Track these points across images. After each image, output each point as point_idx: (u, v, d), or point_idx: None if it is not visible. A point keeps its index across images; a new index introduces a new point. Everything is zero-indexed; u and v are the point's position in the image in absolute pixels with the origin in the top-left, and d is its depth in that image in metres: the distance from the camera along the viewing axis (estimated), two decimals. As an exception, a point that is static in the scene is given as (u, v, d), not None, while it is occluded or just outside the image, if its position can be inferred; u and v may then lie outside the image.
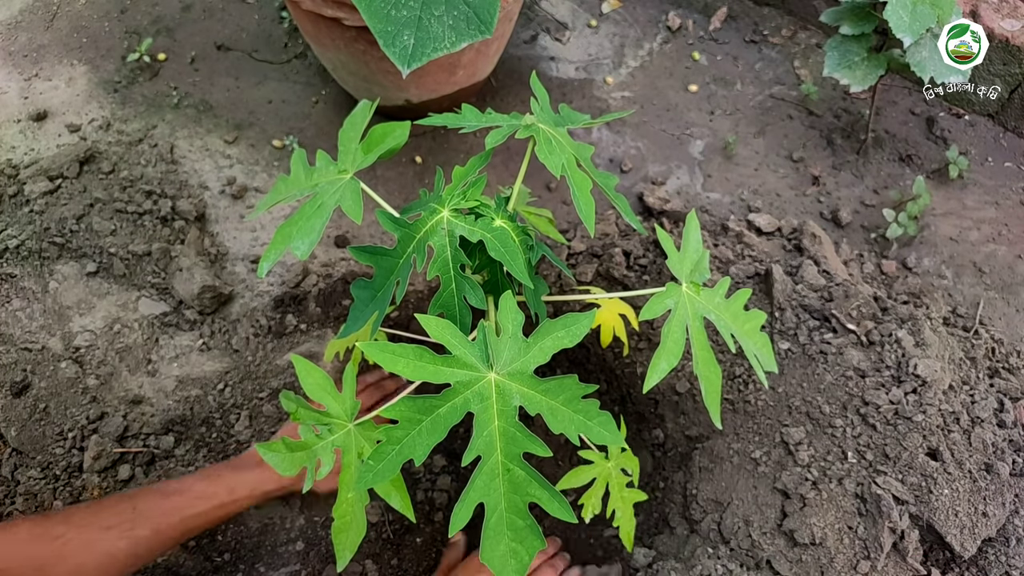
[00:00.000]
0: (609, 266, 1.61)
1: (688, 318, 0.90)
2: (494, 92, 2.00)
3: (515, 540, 0.74)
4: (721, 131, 1.94)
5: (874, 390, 1.32)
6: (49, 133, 1.79)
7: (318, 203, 0.91)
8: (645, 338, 1.56)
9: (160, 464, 1.43)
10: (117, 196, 1.66)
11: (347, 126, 0.98)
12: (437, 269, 0.83)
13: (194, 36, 2.04)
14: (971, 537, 1.22)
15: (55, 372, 1.47)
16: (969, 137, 1.89)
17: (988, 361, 1.49)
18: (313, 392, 0.92)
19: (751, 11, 2.15)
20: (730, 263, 1.59)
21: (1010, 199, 1.79)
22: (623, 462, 1.11)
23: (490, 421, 0.75)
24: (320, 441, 0.91)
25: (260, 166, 1.82)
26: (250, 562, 1.36)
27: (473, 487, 0.74)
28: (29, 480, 1.36)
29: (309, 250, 0.88)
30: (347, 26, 1.51)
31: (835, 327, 1.43)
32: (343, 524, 0.91)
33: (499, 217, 0.85)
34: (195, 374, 1.53)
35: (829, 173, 1.85)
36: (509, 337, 0.76)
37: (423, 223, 0.85)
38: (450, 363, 0.75)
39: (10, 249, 1.56)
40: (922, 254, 1.71)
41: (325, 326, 1.61)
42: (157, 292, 1.60)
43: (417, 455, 0.73)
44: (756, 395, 1.41)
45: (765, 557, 1.24)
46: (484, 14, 0.87)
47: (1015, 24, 1.73)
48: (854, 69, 1.64)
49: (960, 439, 1.29)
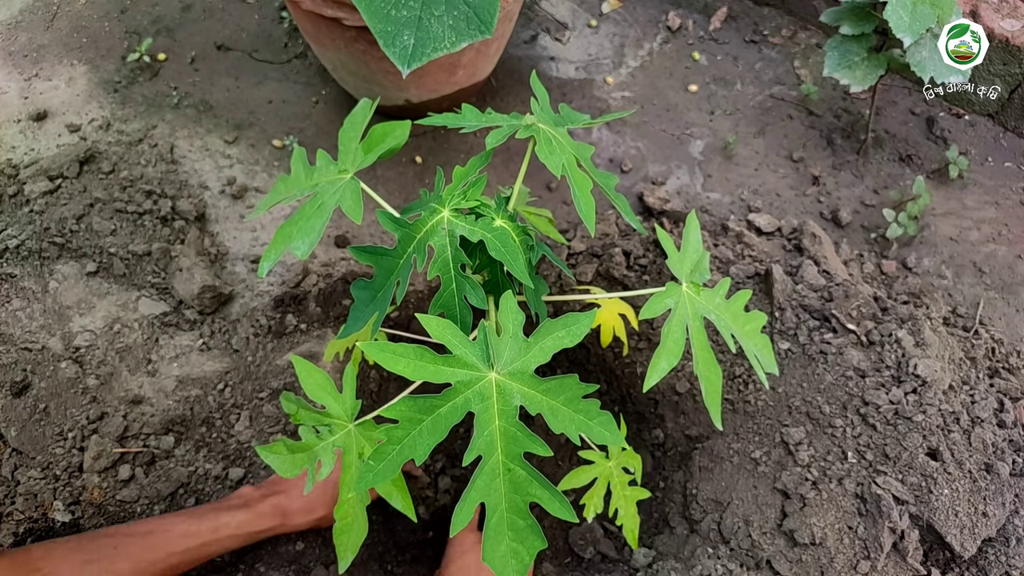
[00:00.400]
0: (609, 266, 1.61)
1: (688, 318, 0.90)
2: (494, 92, 2.00)
3: (516, 540, 0.74)
4: (721, 131, 1.94)
5: (874, 390, 1.32)
6: (49, 133, 1.79)
7: (318, 203, 0.91)
8: (645, 338, 1.56)
9: (160, 464, 1.42)
10: (117, 196, 1.66)
11: (347, 125, 0.98)
12: (438, 269, 0.83)
13: (194, 36, 2.04)
14: (971, 537, 1.22)
15: (55, 372, 1.47)
16: (969, 137, 1.89)
17: (988, 361, 1.49)
18: (313, 393, 0.92)
19: (751, 11, 2.15)
20: (730, 263, 1.59)
21: (1010, 199, 1.79)
22: (624, 461, 1.11)
23: (491, 421, 0.75)
24: (321, 442, 0.91)
25: (260, 166, 1.82)
26: (250, 562, 1.35)
27: (474, 487, 0.74)
28: (29, 480, 1.36)
29: (309, 250, 0.88)
30: (347, 26, 1.51)
31: (835, 327, 1.43)
32: (344, 525, 0.91)
33: (499, 217, 0.85)
34: (195, 374, 1.53)
35: (829, 173, 1.85)
36: (510, 337, 0.76)
37: (423, 223, 0.85)
38: (451, 363, 0.75)
39: (10, 249, 1.55)
40: (922, 254, 1.70)
41: (325, 326, 1.61)
42: (157, 292, 1.60)
43: (418, 455, 0.73)
44: (756, 395, 1.41)
45: (765, 557, 1.24)
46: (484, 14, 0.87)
47: (1015, 24, 1.73)
48: (854, 69, 1.64)
49: (960, 439, 1.29)
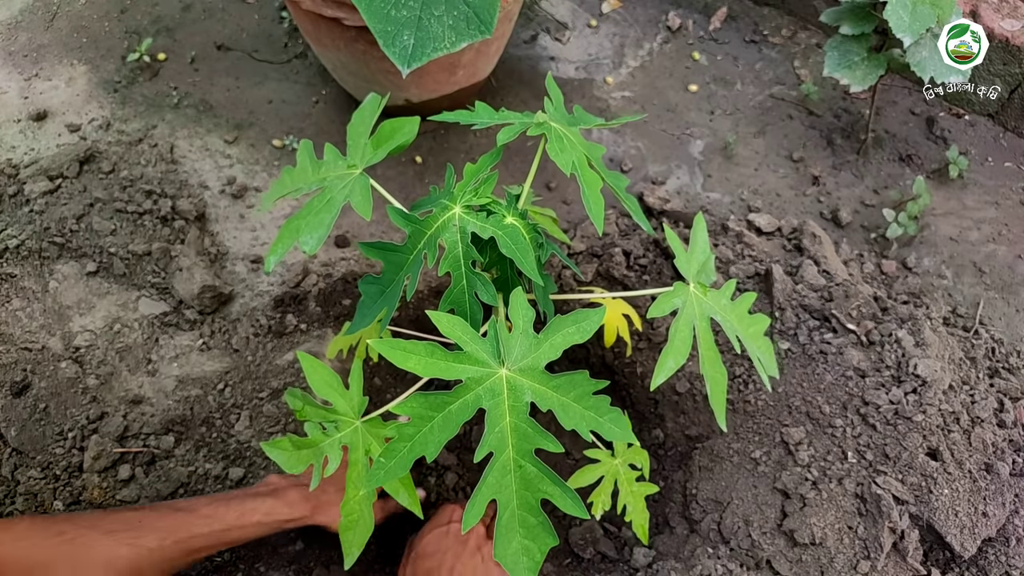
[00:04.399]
0: (609, 266, 1.61)
1: (695, 318, 0.90)
2: (494, 92, 2.00)
3: (527, 537, 0.74)
4: (721, 131, 1.95)
5: (874, 390, 1.33)
6: (49, 133, 1.78)
7: (327, 198, 0.91)
8: (645, 338, 1.56)
9: (160, 464, 1.42)
10: (117, 196, 1.65)
11: (356, 121, 0.97)
12: (448, 265, 0.83)
13: (194, 36, 2.03)
14: (971, 537, 1.22)
15: (55, 372, 1.46)
16: (969, 137, 1.90)
17: (988, 361, 1.49)
18: (320, 389, 0.91)
19: (751, 11, 2.15)
20: (730, 263, 1.59)
21: (1010, 199, 1.79)
22: (631, 457, 1.11)
23: (502, 417, 0.75)
24: (327, 438, 0.90)
25: (260, 166, 1.82)
26: (250, 562, 1.35)
27: (485, 483, 0.74)
28: (29, 480, 1.35)
29: (318, 245, 0.88)
30: (347, 26, 1.51)
31: (835, 327, 1.44)
32: (350, 522, 0.91)
33: (510, 214, 0.85)
34: (195, 374, 1.53)
35: (829, 173, 1.86)
36: (520, 333, 0.76)
37: (434, 219, 0.84)
38: (462, 359, 0.75)
39: (10, 249, 1.55)
40: (922, 254, 1.71)
41: (325, 326, 1.61)
42: (157, 292, 1.59)
43: (429, 452, 0.73)
44: (756, 395, 1.41)
45: (765, 557, 1.24)
46: (484, 14, 0.87)
47: (1015, 24, 1.74)
48: (854, 69, 1.65)
49: (960, 439, 1.29)
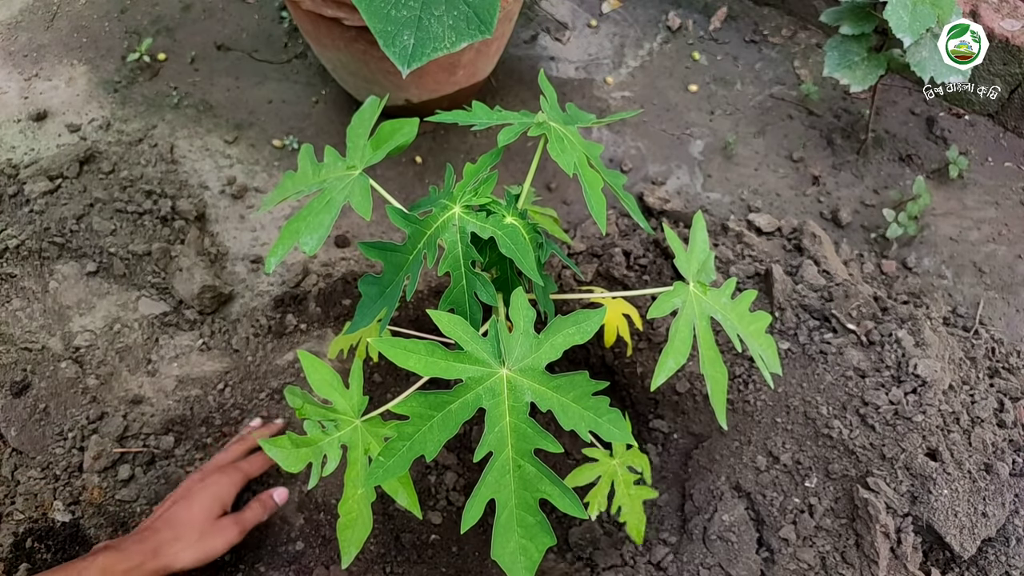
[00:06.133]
0: (609, 266, 1.61)
1: (695, 317, 0.90)
2: (494, 92, 2.00)
3: (525, 537, 0.74)
4: (721, 131, 1.95)
5: (874, 390, 1.33)
6: (49, 133, 1.78)
7: (326, 199, 0.91)
8: (645, 338, 1.56)
9: (160, 464, 1.42)
10: (117, 196, 1.65)
11: (355, 122, 0.97)
12: (448, 265, 0.83)
13: (194, 36, 2.03)
14: (971, 537, 1.22)
15: (55, 372, 1.46)
16: (969, 137, 1.90)
17: (988, 361, 1.49)
18: (320, 388, 0.91)
19: (751, 11, 2.15)
20: (730, 263, 1.59)
21: (1010, 199, 1.79)
22: (629, 459, 1.11)
23: (501, 417, 0.75)
24: (327, 437, 0.90)
25: (260, 166, 1.82)
26: (250, 562, 1.35)
27: (484, 483, 0.74)
28: (29, 480, 1.36)
29: (318, 245, 0.88)
30: (347, 26, 1.51)
31: (835, 327, 1.43)
32: (348, 520, 0.91)
33: (510, 214, 0.85)
34: (195, 374, 1.53)
35: (829, 173, 1.86)
36: (521, 333, 0.76)
37: (434, 219, 0.84)
38: (462, 359, 0.75)
39: (10, 249, 1.55)
40: (922, 254, 1.71)
41: (325, 326, 1.61)
42: (157, 292, 1.59)
43: (428, 451, 0.73)
44: (756, 395, 1.41)
45: (763, 557, 1.24)
46: (484, 14, 0.87)
47: (1015, 24, 1.74)
48: (854, 69, 1.64)
49: (960, 439, 1.29)
